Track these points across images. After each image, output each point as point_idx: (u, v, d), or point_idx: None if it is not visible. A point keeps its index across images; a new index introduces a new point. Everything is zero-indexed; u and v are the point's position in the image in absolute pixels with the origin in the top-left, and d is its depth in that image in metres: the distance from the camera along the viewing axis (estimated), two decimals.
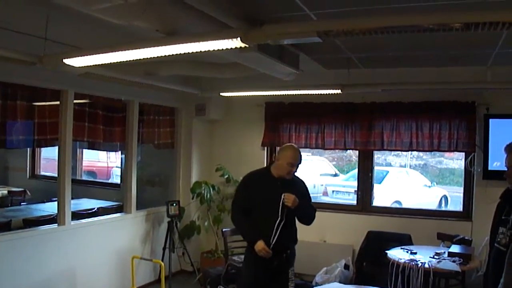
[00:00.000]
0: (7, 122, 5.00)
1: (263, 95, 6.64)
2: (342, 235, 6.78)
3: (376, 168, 7.33)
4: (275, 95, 6.55)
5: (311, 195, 4.57)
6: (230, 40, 3.15)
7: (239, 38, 3.11)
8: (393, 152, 10.34)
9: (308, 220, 4.41)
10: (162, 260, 5.91)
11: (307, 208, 4.35)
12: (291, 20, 3.76)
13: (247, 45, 3.23)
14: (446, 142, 6.16)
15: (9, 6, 4.09)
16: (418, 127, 6.28)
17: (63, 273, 5.40)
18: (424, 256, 5.09)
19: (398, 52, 5.26)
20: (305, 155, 11.12)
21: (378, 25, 2.84)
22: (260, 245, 4.11)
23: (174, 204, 6.58)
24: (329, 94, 5.94)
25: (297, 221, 4.38)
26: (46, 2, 3.33)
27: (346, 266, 6.33)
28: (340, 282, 5.75)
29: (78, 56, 3.93)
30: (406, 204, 9.52)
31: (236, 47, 3.29)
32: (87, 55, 3.88)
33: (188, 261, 6.88)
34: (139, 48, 3.53)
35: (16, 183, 9.95)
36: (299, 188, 4.36)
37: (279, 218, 4.06)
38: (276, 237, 4.07)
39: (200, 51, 3.44)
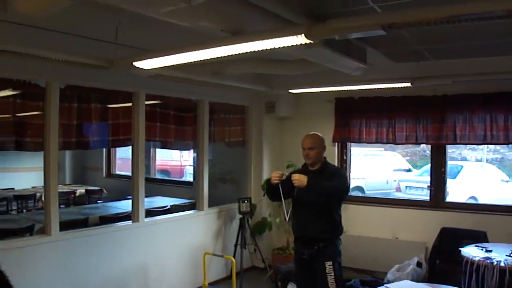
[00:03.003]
0: (84, 124, 5.25)
1: (333, 91, 6.61)
2: (415, 231, 6.64)
3: (450, 162, 7.13)
4: (345, 90, 6.49)
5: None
6: (294, 36, 3.18)
7: (303, 34, 3.13)
8: (468, 146, 10.01)
9: (324, 193, 4.19)
10: (234, 257, 6.01)
11: (322, 186, 4.17)
12: (355, 14, 3.73)
13: (311, 41, 3.24)
14: None
15: (81, 14, 4.29)
16: (492, 119, 6.02)
17: (136, 268, 5.62)
18: (500, 254, 4.89)
19: (468, 42, 5.08)
20: (378, 150, 11.07)
21: (443, 15, 2.77)
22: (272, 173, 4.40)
23: (246, 201, 6.68)
24: (399, 87, 5.84)
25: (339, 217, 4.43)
26: (115, 8, 3.46)
27: (419, 264, 6.20)
28: (412, 280, 5.64)
29: (148, 59, 4.09)
30: (482, 200, 9.14)
31: (301, 44, 3.31)
32: (156, 57, 4.03)
33: (259, 257, 6.94)
34: (205, 49, 3.63)
35: (93, 182, 10.45)
36: (327, 175, 4.34)
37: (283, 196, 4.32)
38: (288, 213, 4.43)
39: (265, 49, 3.49)
